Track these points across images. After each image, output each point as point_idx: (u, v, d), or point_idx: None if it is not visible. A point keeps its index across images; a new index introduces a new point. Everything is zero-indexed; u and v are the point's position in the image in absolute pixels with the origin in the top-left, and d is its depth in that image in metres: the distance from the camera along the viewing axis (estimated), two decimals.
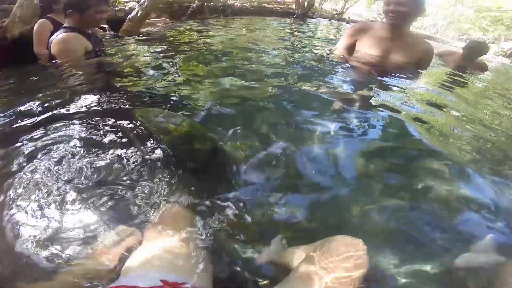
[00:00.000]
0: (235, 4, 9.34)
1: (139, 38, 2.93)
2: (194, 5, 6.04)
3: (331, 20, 11.76)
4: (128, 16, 3.26)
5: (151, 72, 1.58)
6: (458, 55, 3.13)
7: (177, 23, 4.80)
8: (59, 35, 1.56)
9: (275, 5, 12.77)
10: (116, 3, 4.02)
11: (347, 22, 11.04)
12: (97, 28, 2.58)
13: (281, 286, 0.55)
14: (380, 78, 1.62)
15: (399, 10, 1.48)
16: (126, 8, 3.88)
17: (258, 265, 0.63)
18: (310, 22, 8.56)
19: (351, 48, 1.80)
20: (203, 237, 0.64)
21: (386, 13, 1.54)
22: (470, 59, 2.96)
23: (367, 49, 1.70)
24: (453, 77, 2.39)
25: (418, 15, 1.56)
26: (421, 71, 1.77)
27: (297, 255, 0.61)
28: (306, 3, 10.63)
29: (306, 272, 0.53)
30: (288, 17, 9.75)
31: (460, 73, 2.56)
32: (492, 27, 20.79)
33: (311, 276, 0.51)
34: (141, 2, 3.36)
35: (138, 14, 3.34)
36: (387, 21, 1.58)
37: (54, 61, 1.59)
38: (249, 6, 10.12)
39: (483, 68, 3.14)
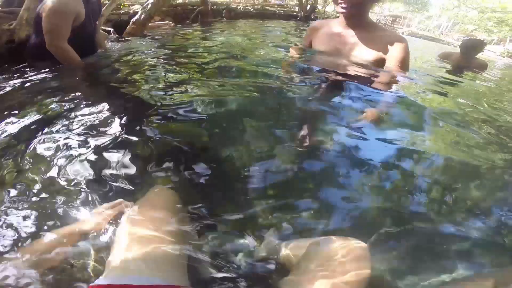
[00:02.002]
0: (238, 7, 9.43)
1: (142, 40, 2.97)
2: (198, 8, 6.12)
3: None
4: (132, 19, 3.33)
5: (150, 73, 1.58)
6: (457, 55, 3.19)
7: (180, 26, 4.86)
8: None
9: (278, 8, 12.86)
10: (121, 7, 4.10)
11: None
12: (102, 31, 2.64)
13: (283, 285, 0.53)
14: (330, 80, 1.33)
15: None
16: (130, 11, 3.96)
17: (255, 260, 0.63)
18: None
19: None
20: (192, 227, 0.65)
21: (336, 2, 1.25)
22: (469, 57, 3.01)
23: (319, 46, 1.45)
24: (445, 79, 2.13)
25: (375, 1, 1.28)
26: (397, 73, 1.32)
27: (296, 250, 0.60)
28: (308, 6, 10.71)
29: (307, 272, 0.51)
30: (291, 20, 9.77)
31: (457, 74, 2.57)
32: (497, 28, 20.63)
33: (311, 278, 0.49)
34: (144, 5, 3.43)
35: (142, 17, 3.41)
36: (339, 12, 1.28)
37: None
38: (252, 9, 10.22)
39: (483, 66, 3.17)
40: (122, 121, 0.98)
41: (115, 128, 0.94)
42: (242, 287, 0.57)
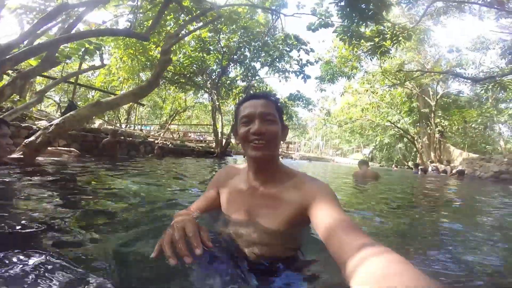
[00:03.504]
0: (156, 141, 10.05)
1: (30, 170, 2.39)
2: (104, 140, 5.92)
3: (245, 157, 13.43)
4: (25, 141, 2.98)
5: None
6: (360, 171, 4.72)
7: (86, 156, 4.49)
8: None
9: (196, 143, 14.30)
10: (27, 118, 3.69)
11: None
12: None
13: None
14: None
15: (267, 129, 0.88)
16: (34, 127, 3.57)
17: None
18: (228, 161, 9.11)
19: (208, 208, 1.05)
20: None
21: (246, 137, 0.91)
22: (365, 170, 4.61)
23: (229, 210, 1.02)
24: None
25: (284, 138, 0.98)
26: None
27: None
28: (224, 141, 11.95)
29: None
30: (208, 157, 10.25)
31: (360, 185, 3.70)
32: (352, 138, 28.89)
33: None
34: (45, 126, 3.21)
35: (38, 140, 3.10)
36: (251, 156, 0.91)
37: None
38: (169, 145, 10.91)
39: (378, 176, 4.68)
40: None
41: None
42: None
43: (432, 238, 1.42)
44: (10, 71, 4.43)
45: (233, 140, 16.58)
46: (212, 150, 12.05)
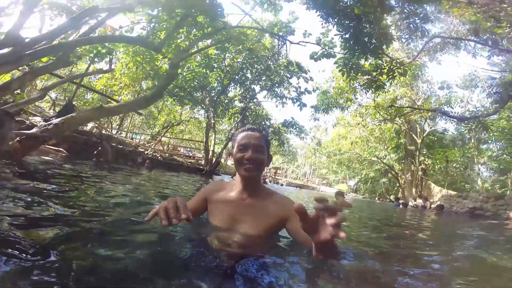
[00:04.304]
0: (146, 152, 9.82)
1: (15, 170, 2.28)
2: (100, 147, 5.83)
3: (233, 177, 12.72)
4: (19, 137, 2.84)
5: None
6: (338, 201, 5.23)
7: (74, 158, 4.30)
8: None
9: (185, 158, 14.02)
10: (25, 113, 3.54)
11: None
12: None
13: None
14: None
15: (255, 160, 1.16)
16: (27, 122, 3.44)
17: None
18: (215, 179, 8.87)
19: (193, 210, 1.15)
20: None
21: (240, 161, 1.18)
22: (338, 200, 5.12)
23: (215, 214, 1.24)
24: None
25: (268, 165, 1.28)
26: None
27: None
28: (214, 160, 11.83)
29: None
30: (197, 174, 10.16)
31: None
32: (339, 169, 29.49)
33: None
34: (44, 125, 3.07)
35: (33, 138, 2.97)
36: (241, 175, 1.20)
37: None
38: (159, 157, 10.68)
39: (349, 204, 4.88)
40: None
41: None
42: None
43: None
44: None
45: (222, 160, 16.63)
46: (201, 167, 11.96)
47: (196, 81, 10.86)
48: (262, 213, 1.17)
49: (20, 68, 4.36)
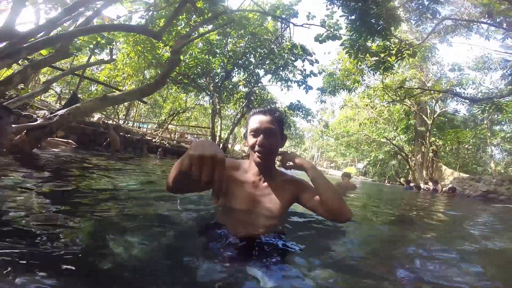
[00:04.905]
0: (153, 140, 9.96)
1: (26, 161, 2.30)
2: (108, 137, 5.94)
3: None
4: (20, 129, 2.90)
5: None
6: (342, 182, 5.23)
7: (83, 149, 4.37)
8: None
9: None
10: (28, 107, 3.62)
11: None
12: None
13: None
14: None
15: (268, 146, 1.18)
16: (34, 115, 3.51)
17: None
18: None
19: None
20: None
21: (253, 147, 1.20)
22: (348, 182, 5.20)
23: (233, 192, 1.22)
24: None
25: (282, 145, 1.30)
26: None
27: None
28: (221, 145, 11.86)
29: None
30: None
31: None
32: (347, 151, 29.18)
33: None
34: (48, 116, 3.15)
35: (40, 130, 3.03)
36: (254, 160, 1.22)
37: None
38: (167, 145, 10.85)
39: (355, 186, 5.35)
40: None
41: None
42: None
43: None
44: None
45: (229, 145, 16.80)
46: None
47: (199, 67, 10.70)
48: (279, 192, 1.24)
49: (20, 62, 4.39)
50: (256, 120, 1.22)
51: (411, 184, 11.16)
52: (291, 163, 1.29)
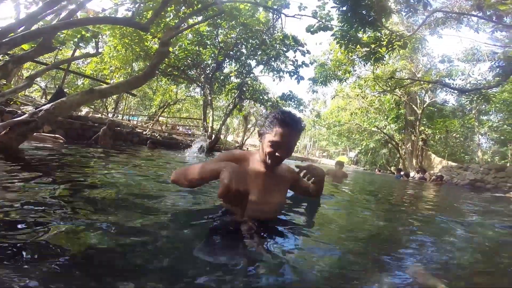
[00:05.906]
0: (144, 133, 9.82)
1: (11, 161, 2.17)
2: (100, 132, 5.85)
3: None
4: (8, 126, 2.82)
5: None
6: (335, 169, 5.32)
7: (72, 145, 4.26)
8: None
9: (184, 137, 14.07)
10: (11, 103, 3.50)
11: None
12: None
13: None
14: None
15: (284, 157, 1.26)
16: (19, 111, 3.39)
17: None
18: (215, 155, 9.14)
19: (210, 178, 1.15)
20: None
21: (270, 155, 1.24)
22: (340, 171, 5.27)
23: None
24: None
25: None
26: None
27: None
28: (213, 136, 11.69)
29: None
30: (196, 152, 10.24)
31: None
32: (339, 140, 29.51)
33: None
34: (33, 111, 3.06)
35: (25, 125, 2.96)
36: (263, 158, 1.28)
37: None
38: (158, 137, 10.70)
39: (346, 175, 5.44)
40: None
41: None
42: None
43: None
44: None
45: (222, 136, 16.71)
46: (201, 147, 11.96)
47: (189, 59, 10.46)
48: (282, 182, 1.41)
49: (0, 58, 4.20)
50: (285, 134, 1.19)
51: (402, 173, 11.27)
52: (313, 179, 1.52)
